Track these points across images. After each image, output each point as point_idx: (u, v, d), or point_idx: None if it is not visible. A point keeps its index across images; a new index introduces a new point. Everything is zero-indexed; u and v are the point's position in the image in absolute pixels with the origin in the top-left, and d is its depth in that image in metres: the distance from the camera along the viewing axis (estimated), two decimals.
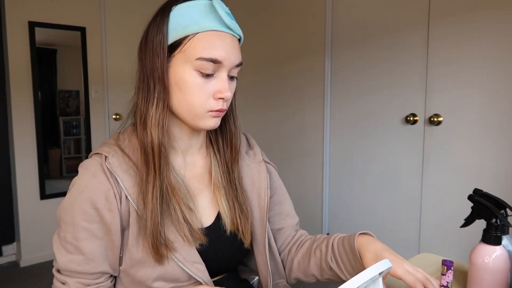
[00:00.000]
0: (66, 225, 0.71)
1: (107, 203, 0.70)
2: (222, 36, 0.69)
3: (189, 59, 0.69)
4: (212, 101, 0.71)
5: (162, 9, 0.71)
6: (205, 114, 0.72)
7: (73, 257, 0.71)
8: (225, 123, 0.83)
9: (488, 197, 0.78)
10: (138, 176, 0.72)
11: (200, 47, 0.68)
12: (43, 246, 2.81)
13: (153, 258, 0.71)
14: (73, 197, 0.71)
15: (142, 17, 0.77)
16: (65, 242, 0.71)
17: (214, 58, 0.68)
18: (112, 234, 0.71)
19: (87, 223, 0.70)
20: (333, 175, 2.60)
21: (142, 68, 0.72)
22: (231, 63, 0.71)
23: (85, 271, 0.71)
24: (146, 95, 0.72)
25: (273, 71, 2.91)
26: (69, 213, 0.71)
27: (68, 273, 0.71)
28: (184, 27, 0.68)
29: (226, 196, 0.81)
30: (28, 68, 2.70)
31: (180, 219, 0.73)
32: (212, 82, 0.71)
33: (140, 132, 0.72)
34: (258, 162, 0.88)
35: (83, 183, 0.71)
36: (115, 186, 0.71)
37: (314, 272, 0.86)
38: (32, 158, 2.76)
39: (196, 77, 0.69)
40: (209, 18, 0.69)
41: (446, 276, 0.82)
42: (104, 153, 0.73)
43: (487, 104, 1.88)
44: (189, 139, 0.79)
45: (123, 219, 0.72)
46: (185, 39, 0.69)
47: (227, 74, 0.72)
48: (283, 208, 0.93)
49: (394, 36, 2.21)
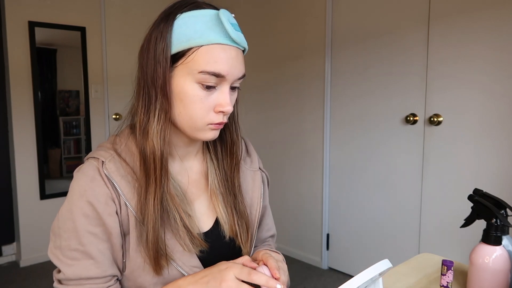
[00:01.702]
0: (68, 233, 0.69)
1: (107, 207, 0.69)
2: (227, 50, 0.68)
3: (192, 72, 0.67)
4: (213, 114, 0.70)
5: (166, 16, 0.69)
6: (205, 126, 0.71)
7: (82, 263, 0.68)
8: (226, 131, 0.81)
9: (488, 197, 0.78)
10: (136, 182, 0.71)
11: (203, 61, 0.66)
12: (43, 246, 2.81)
13: (153, 269, 0.70)
14: (73, 203, 0.69)
15: (142, 17, 0.76)
16: (69, 251, 0.69)
17: (217, 72, 0.67)
18: (114, 238, 0.70)
19: (90, 226, 0.68)
20: (333, 175, 2.60)
21: (143, 74, 0.70)
22: (234, 76, 0.69)
23: (96, 276, 0.69)
24: (147, 104, 0.70)
25: (273, 71, 2.91)
26: (69, 220, 0.69)
27: (77, 281, 0.69)
28: (188, 39, 0.66)
29: (224, 202, 0.80)
30: (28, 68, 2.70)
31: (180, 227, 0.72)
32: (214, 95, 0.69)
33: (140, 141, 0.70)
34: (254, 170, 0.87)
35: (81, 187, 0.69)
36: (113, 191, 0.70)
37: None
38: (32, 158, 2.77)
39: (198, 89, 0.68)
40: (215, 31, 0.67)
41: (446, 276, 0.82)
42: (101, 157, 0.71)
43: (487, 104, 1.88)
44: (186, 146, 0.79)
45: (123, 224, 0.71)
46: (188, 51, 0.67)
47: (229, 85, 0.71)
48: (266, 221, 0.93)
49: (394, 36, 2.21)
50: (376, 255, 2.38)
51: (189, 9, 0.68)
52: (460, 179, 1.99)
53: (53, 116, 2.87)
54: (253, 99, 3.05)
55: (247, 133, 1.14)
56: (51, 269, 0.75)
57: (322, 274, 2.61)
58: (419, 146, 2.14)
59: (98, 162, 0.71)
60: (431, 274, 0.91)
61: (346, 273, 2.58)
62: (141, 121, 0.70)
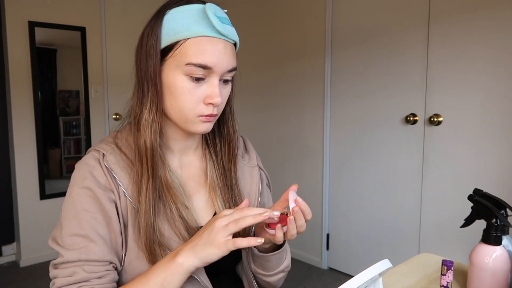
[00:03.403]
0: (69, 220, 0.70)
1: (106, 194, 0.71)
2: (214, 42, 0.69)
3: (180, 64, 0.69)
4: (202, 106, 0.72)
5: (157, 13, 0.72)
6: (195, 118, 0.72)
7: (82, 246, 0.69)
8: (223, 125, 0.83)
9: (488, 197, 0.78)
10: (135, 175, 0.73)
11: (190, 53, 0.69)
12: (43, 246, 2.81)
13: (146, 259, 0.71)
14: (74, 191, 0.71)
15: (142, 17, 0.77)
16: (69, 236, 0.70)
17: (204, 64, 0.69)
18: (113, 223, 0.72)
19: (90, 213, 0.70)
20: (333, 175, 2.60)
21: (137, 70, 0.73)
22: (223, 68, 0.71)
23: (95, 258, 0.69)
24: (140, 97, 0.73)
25: (273, 71, 2.91)
26: (71, 206, 0.71)
27: (75, 263, 0.69)
28: (175, 32, 0.69)
29: (222, 197, 0.82)
30: (28, 68, 2.70)
31: (175, 217, 0.74)
32: (203, 87, 0.71)
33: (134, 133, 0.73)
34: (252, 167, 0.88)
35: (82, 175, 0.72)
36: (112, 183, 0.72)
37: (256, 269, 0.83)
38: (32, 158, 2.77)
39: (186, 81, 0.70)
40: (201, 24, 0.69)
41: (446, 276, 0.82)
42: (102, 150, 0.74)
43: (487, 104, 1.88)
44: (184, 140, 0.80)
45: (123, 215, 0.73)
46: (176, 44, 0.69)
47: (220, 78, 0.72)
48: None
49: (394, 36, 2.21)
50: (376, 255, 2.38)
51: (178, 5, 0.71)
52: (460, 179, 1.99)
53: (53, 116, 2.87)
54: (253, 99, 3.05)
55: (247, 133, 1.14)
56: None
57: (322, 274, 2.61)
58: (419, 146, 2.14)
59: (99, 154, 0.73)
60: (431, 274, 0.91)
61: (346, 273, 2.58)
62: (135, 114, 0.74)
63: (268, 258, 0.79)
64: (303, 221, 0.70)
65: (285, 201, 0.72)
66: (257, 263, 0.81)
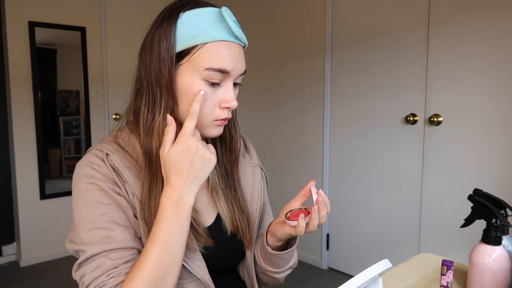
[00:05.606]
0: (83, 216, 0.68)
1: (115, 188, 0.70)
2: (230, 46, 0.69)
3: (198, 69, 0.68)
4: (218, 110, 0.71)
5: (169, 15, 0.69)
6: (211, 123, 0.72)
7: (103, 237, 0.67)
8: (225, 128, 0.83)
9: (488, 197, 0.78)
10: (140, 174, 0.72)
11: (209, 57, 0.67)
12: (43, 246, 2.81)
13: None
14: (81, 187, 0.69)
15: (142, 17, 0.77)
16: (87, 232, 0.67)
17: (223, 68, 0.68)
18: (127, 210, 0.70)
19: (104, 204, 0.68)
20: (333, 175, 2.60)
21: (146, 74, 0.71)
22: (238, 72, 0.71)
23: (118, 246, 0.67)
24: (151, 103, 0.70)
25: (273, 71, 2.91)
26: (82, 203, 0.69)
27: (101, 254, 0.66)
28: (192, 37, 0.67)
29: (224, 198, 0.82)
30: (28, 68, 2.70)
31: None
32: (219, 91, 0.71)
33: (144, 139, 0.71)
34: (253, 166, 0.89)
35: (86, 172, 0.70)
36: (119, 180, 0.70)
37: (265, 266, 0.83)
38: (32, 158, 2.77)
39: (204, 86, 0.69)
40: (218, 28, 0.68)
41: (446, 276, 0.82)
42: (105, 150, 0.72)
43: (487, 104, 1.88)
44: None
45: (134, 210, 0.72)
46: (193, 49, 0.68)
47: (233, 81, 0.72)
48: (266, 217, 0.93)
49: (394, 36, 2.21)
50: (376, 255, 2.39)
51: (190, 8, 0.69)
52: (460, 179, 1.99)
53: (53, 116, 2.87)
54: (253, 98, 3.05)
55: (247, 133, 1.14)
56: (51, 269, 0.74)
57: (322, 274, 2.61)
58: (419, 146, 2.14)
59: (102, 154, 0.72)
60: (431, 274, 0.91)
61: (346, 273, 2.58)
62: (145, 119, 0.71)
63: (280, 256, 0.79)
64: (325, 212, 0.71)
65: (303, 196, 0.75)
66: (267, 261, 0.81)
